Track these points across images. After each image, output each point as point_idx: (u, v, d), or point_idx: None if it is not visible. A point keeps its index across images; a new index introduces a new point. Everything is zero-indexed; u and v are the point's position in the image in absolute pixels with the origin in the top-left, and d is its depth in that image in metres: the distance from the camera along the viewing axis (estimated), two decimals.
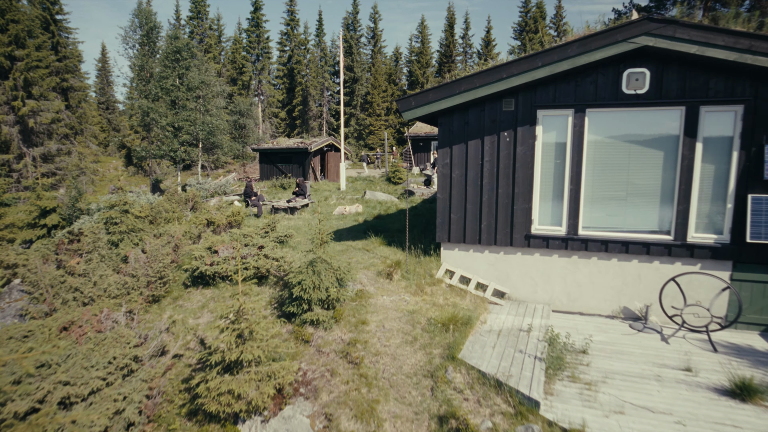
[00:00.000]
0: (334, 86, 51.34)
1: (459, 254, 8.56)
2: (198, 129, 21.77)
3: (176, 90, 20.74)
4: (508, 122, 7.78)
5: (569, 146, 7.54)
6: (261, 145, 28.53)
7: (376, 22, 53.70)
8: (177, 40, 20.39)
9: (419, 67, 48.09)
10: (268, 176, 28.34)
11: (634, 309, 7.75)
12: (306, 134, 48.47)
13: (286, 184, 24.95)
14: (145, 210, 13.30)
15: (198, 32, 43.61)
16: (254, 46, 44.49)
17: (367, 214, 15.26)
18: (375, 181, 28.87)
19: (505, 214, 8.03)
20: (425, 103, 7.78)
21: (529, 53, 7.07)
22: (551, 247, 7.88)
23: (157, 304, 8.58)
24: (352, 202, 18.87)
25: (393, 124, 50.23)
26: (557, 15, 44.11)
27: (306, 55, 49.36)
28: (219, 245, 9.67)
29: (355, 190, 24.08)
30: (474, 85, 7.43)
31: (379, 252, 9.45)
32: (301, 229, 12.25)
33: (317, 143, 27.47)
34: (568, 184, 7.64)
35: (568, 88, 7.39)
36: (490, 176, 8.02)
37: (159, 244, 9.70)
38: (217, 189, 21.04)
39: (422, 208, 16.62)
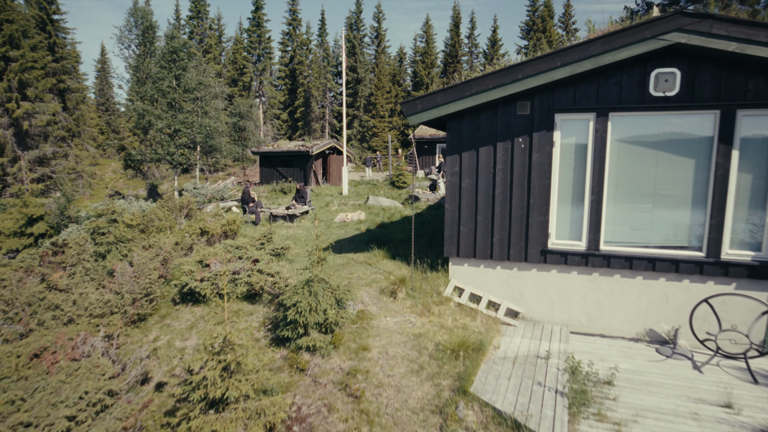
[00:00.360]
0: (337, 87, 50.92)
1: (469, 270, 8.01)
2: (195, 132, 21.31)
3: (173, 92, 20.30)
4: (523, 127, 7.23)
5: (590, 153, 6.99)
6: (261, 147, 28.09)
7: (380, 22, 53.28)
8: (174, 40, 19.96)
9: (424, 68, 47.62)
10: (268, 180, 27.89)
11: (661, 332, 7.18)
12: (308, 136, 48.06)
13: (287, 189, 24.48)
14: (136, 218, 12.83)
15: (198, 32, 43.29)
16: (255, 46, 44.13)
17: (369, 221, 14.73)
18: (378, 185, 28.38)
19: (520, 227, 7.48)
20: (432, 106, 7.25)
21: (546, 52, 6.53)
22: (570, 264, 7.32)
23: (143, 323, 8.07)
24: (354, 208, 18.35)
25: (397, 126, 49.74)
26: (566, 14, 43.54)
27: (308, 56, 49.00)
28: (211, 258, 9.16)
29: (357, 195, 23.58)
30: (486, 86, 6.89)
31: (382, 266, 8.90)
32: (300, 240, 11.73)
33: (319, 146, 27.00)
34: (589, 195, 7.08)
35: (589, 90, 6.83)
36: (503, 186, 7.47)
37: (147, 256, 9.20)
38: (215, 194, 20.57)
39: (428, 215, 16.06)
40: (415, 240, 10.97)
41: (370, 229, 13.13)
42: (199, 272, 8.77)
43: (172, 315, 8.29)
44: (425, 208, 18.32)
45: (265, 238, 9.96)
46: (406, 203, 19.66)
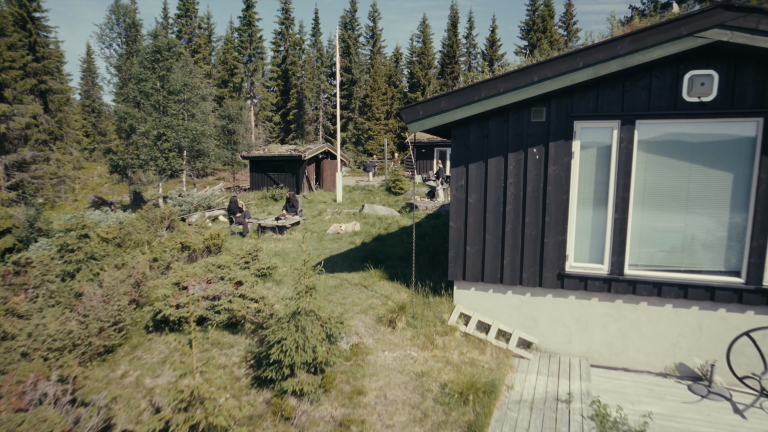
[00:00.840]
0: (331, 88, 50.26)
1: (476, 295, 7.31)
2: (180, 136, 20.54)
3: (156, 93, 19.52)
4: (537, 136, 6.55)
5: (614, 165, 6.32)
6: (251, 152, 27.34)
7: (376, 21, 52.71)
8: (157, 39, 19.20)
9: (421, 69, 47.05)
10: (258, 186, 27.13)
11: (693, 366, 6.50)
12: (301, 139, 47.34)
13: (278, 195, 23.73)
14: (112, 231, 12.06)
15: (186, 31, 42.52)
16: (246, 46, 43.39)
17: (365, 233, 14.02)
18: (374, 191, 27.67)
19: (534, 247, 6.79)
20: (436, 112, 6.56)
21: (566, 51, 5.85)
22: (590, 289, 6.64)
23: (111, 355, 7.32)
24: (349, 218, 17.63)
25: (393, 129, 49.11)
26: (567, 13, 43.09)
27: (301, 56, 48.32)
28: (190, 279, 8.42)
29: (352, 202, 22.85)
30: (497, 90, 6.21)
31: (379, 289, 8.19)
32: (289, 255, 10.99)
33: (312, 150, 26.28)
34: (612, 213, 6.41)
35: (613, 95, 6.16)
36: (515, 202, 6.78)
37: (119, 278, 8.44)
38: (201, 202, 19.81)
39: (427, 226, 15.37)
40: (415, 257, 10.27)
41: (365, 243, 12.42)
42: (175, 296, 8.03)
43: (144, 345, 7.54)
44: (424, 217, 17.63)
45: (250, 256, 9.22)
46: (403, 212, 18.97)
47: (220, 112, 29.61)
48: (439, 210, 18.30)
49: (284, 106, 48.40)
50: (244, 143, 29.79)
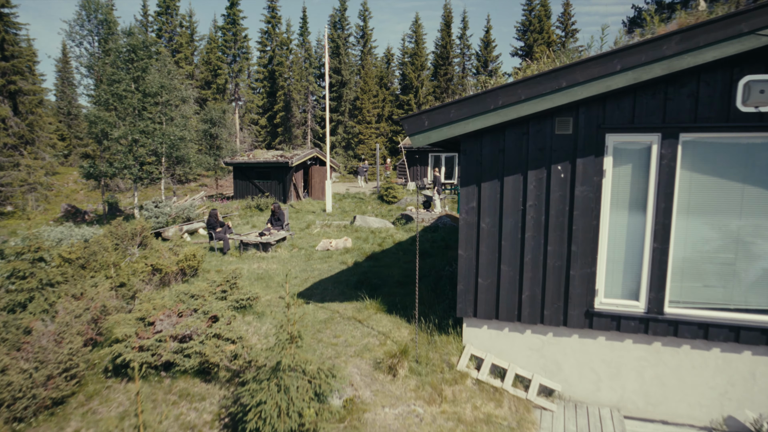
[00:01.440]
0: (320, 90, 49.39)
1: (489, 334, 6.47)
2: (157, 142, 19.52)
3: (130, 96, 18.49)
4: (562, 151, 5.74)
5: (653, 186, 5.53)
6: (235, 158, 26.37)
7: (366, 20, 52.00)
8: (131, 37, 18.19)
9: (413, 70, 46.38)
10: (242, 194, 26.16)
11: (745, 421, 5.71)
12: (288, 144, 46.37)
13: (263, 205, 22.78)
14: (76, 250, 11.07)
15: (167, 29, 41.41)
16: (230, 45, 42.38)
17: (357, 251, 13.15)
18: (365, 199, 26.83)
19: (557, 281, 5.98)
20: (444, 123, 5.72)
21: (603, 52, 5.05)
22: (623, 330, 5.83)
23: (61, 408, 6.37)
24: (340, 231, 16.75)
25: (384, 133, 48.34)
26: (565, 13, 42.67)
27: (289, 56, 47.42)
28: (158, 313, 7.49)
29: (342, 212, 21.98)
30: (517, 98, 5.39)
31: (375, 324, 7.31)
32: (273, 279, 10.08)
33: (299, 156, 25.38)
34: (651, 241, 5.61)
35: (653, 103, 5.38)
36: (536, 227, 5.96)
37: (75, 311, 7.49)
38: (180, 213, 18.80)
39: (425, 241, 14.54)
40: (414, 282, 9.40)
41: (358, 263, 11.54)
42: (140, 334, 7.09)
43: (101, 394, 6.59)
44: (420, 230, 16.79)
45: (228, 284, 8.30)
46: (398, 224, 18.13)
47: (202, 115, 28.56)
48: (437, 222, 17.50)
49: (271, 109, 47.42)
50: (227, 148, 28.79)
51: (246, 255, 12.98)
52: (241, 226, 18.87)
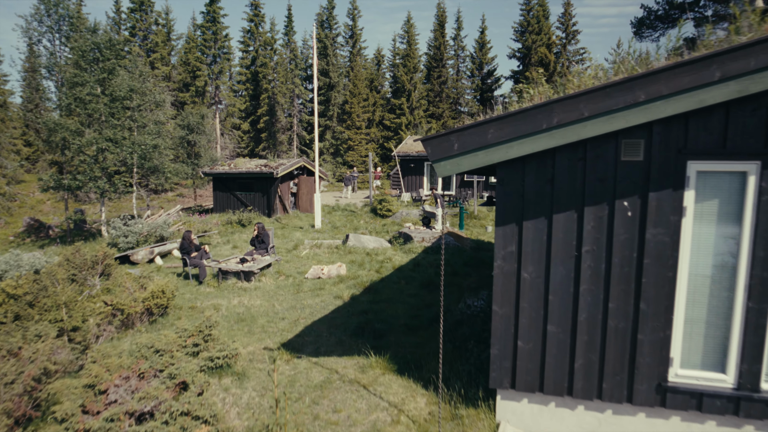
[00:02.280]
0: (306, 93, 48.20)
1: (530, 410, 5.33)
2: (127, 151, 18.17)
3: (95, 100, 17.13)
4: (630, 182, 4.65)
5: (748, 229, 4.46)
6: (215, 168, 25.06)
7: (355, 20, 51.05)
8: (96, 34, 16.85)
9: (405, 72, 45.44)
10: (223, 207, 24.84)
11: None
12: (272, 150, 45.05)
13: (246, 220, 21.49)
14: (23, 285, 9.76)
15: (141, 27, 39.96)
16: (210, 45, 41.05)
17: (353, 279, 11.96)
18: (357, 212, 25.66)
19: (620, 346, 4.87)
20: (479, 146, 4.60)
21: (694, 55, 3.96)
22: (706, 410, 4.73)
23: None
24: (331, 252, 15.55)
25: (375, 138, 47.27)
26: (566, 13, 42.00)
27: (273, 57, 46.21)
28: (113, 376, 6.23)
29: (333, 229, 20.78)
30: (578, 114, 4.29)
31: (384, 390, 6.13)
32: (257, 322, 8.85)
33: (285, 166, 24.15)
34: (744, 299, 4.53)
35: (751, 122, 4.31)
36: (594, 279, 4.86)
37: (7, 377, 6.22)
38: (152, 231, 17.48)
39: (427, 265, 13.43)
40: (427, 326, 8.24)
41: (355, 297, 10.35)
42: (87, 406, 5.83)
43: None
44: (421, 252, 15.68)
45: (201, 335, 7.07)
46: (395, 243, 16.98)
47: (179, 120, 27.20)
48: (438, 241, 16.37)
49: (254, 113, 46.13)
50: (206, 156, 27.46)
51: (225, 285, 11.72)
52: (221, 245, 17.59)
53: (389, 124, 45.72)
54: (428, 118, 47.65)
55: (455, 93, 50.16)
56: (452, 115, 49.70)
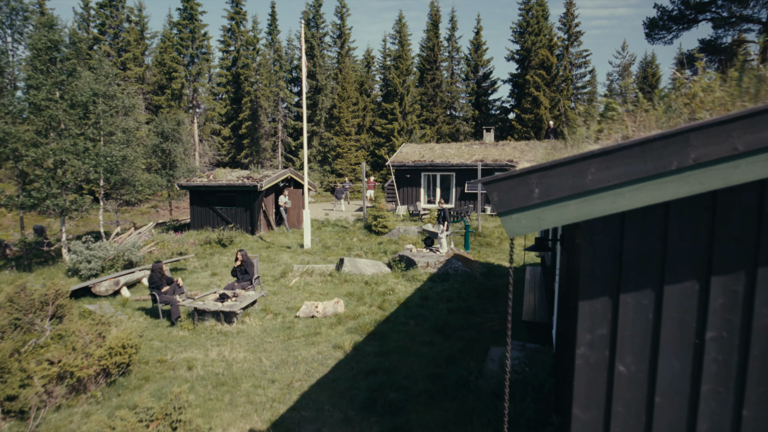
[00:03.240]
0: (292, 97, 46.82)
1: None
2: (90, 164, 16.63)
3: (53, 106, 15.57)
4: None
5: None
6: (192, 179, 23.56)
7: (344, 18, 49.91)
8: (53, 31, 15.31)
9: (398, 75, 44.31)
10: (201, 223, 23.33)
11: None
12: (255, 157, 43.54)
13: (227, 240, 20.02)
14: None
15: (112, 24, 38.29)
16: (188, 44, 39.50)
17: (353, 320, 10.61)
18: (349, 228, 24.33)
19: None
20: (572, 193, 3.31)
21: None
22: None
23: None
24: (325, 282, 14.19)
25: (366, 145, 46.01)
26: (568, 14, 41.21)
27: (256, 58, 44.80)
28: None
29: (324, 249, 19.40)
30: (731, 149, 3.02)
31: None
32: (241, 386, 7.44)
33: (271, 178, 22.75)
34: None
35: None
36: (722, 376, 3.59)
37: None
38: (120, 253, 15.98)
39: (436, 299, 12.16)
40: (451, 392, 6.90)
41: (358, 346, 8.98)
42: None
43: None
44: (427, 280, 14.38)
45: (169, 419, 5.66)
46: (395, 267, 15.66)
47: (152, 126, 25.61)
48: (446, 268, 15.09)
49: (235, 118, 44.62)
50: (183, 167, 25.93)
51: (202, 327, 10.30)
52: (198, 271, 16.12)
53: (380, 129, 44.49)
54: (422, 124, 46.56)
55: (449, 97, 49.18)
56: (447, 121, 48.69)
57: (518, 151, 27.41)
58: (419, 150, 29.95)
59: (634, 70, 48.88)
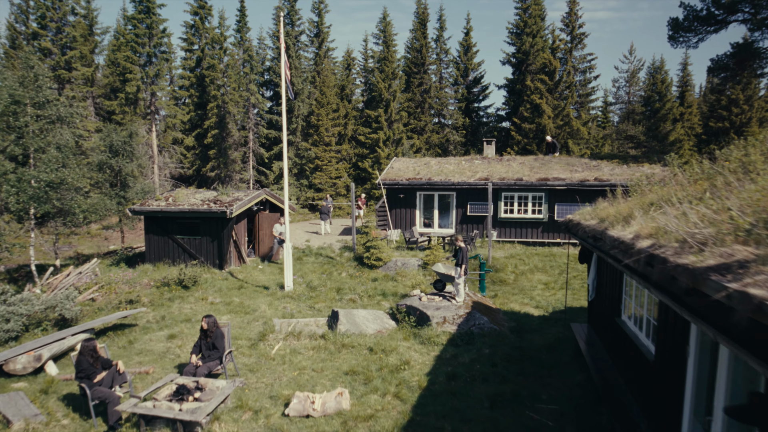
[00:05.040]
0: (264, 102, 44.07)
1: None
2: (10, 192, 13.74)
3: None
4: None
5: None
6: (147, 202, 20.71)
7: (321, 15, 47.47)
8: None
9: (383, 78, 41.95)
10: (159, 255, 20.49)
11: None
12: (223, 170, 40.61)
13: (190, 280, 17.21)
14: None
15: (54, 18, 34.98)
16: (144, 42, 36.42)
17: (364, 424, 8.07)
18: (337, 260, 21.76)
19: None
20: None
21: None
22: None
23: None
24: (317, 349, 11.62)
25: (347, 157, 43.50)
26: (570, 13, 39.49)
27: (223, 58, 41.98)
28: None
29: (310, 292, 16.78)
30: None
31: None
32: None
33: (243, 202, 20.08)
34: None
35: None
36: None
37: None
38: (51, 306, 13.16)
39: (470, 379, 9.74)
40: None
41: None
42: None
43: None
44: (447, 343, 11.96)
45: None
46: (404, 322, 13.19)
47: (98, 140, 22.56)
48: (467, 323, 12.67)
49: (200, 125, 41.63)
50: (135, 189, 23.00)
51: None
52: (152, 329, 13.34)
53: (364, 139, 42.00)
54: (409, 133, 44.29)
55: (438, 103, 47.10)
56: (435, 130, 46.57)
57: (527, 168, 25.29)
58: (413, 165, 27.59)
59: (642, 77, 47.56)
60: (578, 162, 25.97)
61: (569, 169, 24.86)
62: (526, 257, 21.37)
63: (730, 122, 43.92)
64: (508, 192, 24.35)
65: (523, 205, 24.34)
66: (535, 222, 24.17)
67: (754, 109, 43.74)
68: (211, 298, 16.14)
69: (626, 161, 25.36)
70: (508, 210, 24.51)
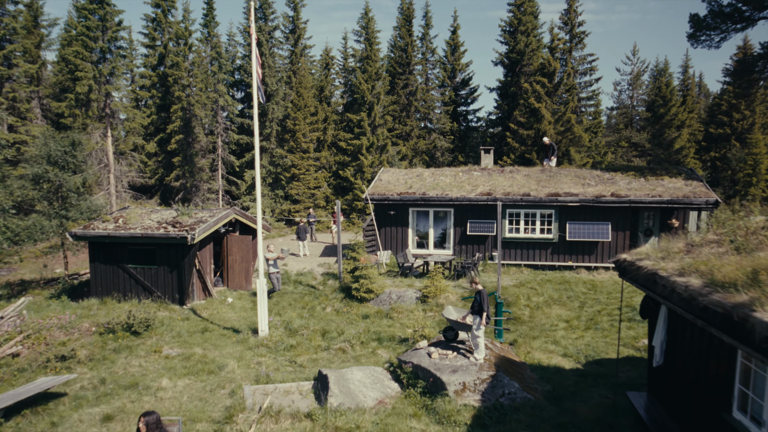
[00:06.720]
0: (234, 105, 41.22)
1: None
2: None
3: None
4: None
5: None
6: (92, 225, 17.85)
7: (298, 10, 44.83)
8: None
9: (366, 79, 39.50)
10: (107, 289, 17.66)
11: None
12: (189, 179, 37.63)
13: (141, 324, 14.41)
14: None
15: None
16: (97, 36, 33.28)
17: None
18: (320, 291, 19.23)
19: None
20: None
21: None
22: None
23: None
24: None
25: (327, 165, 40.90)
26: (570, 10, 37.59)
27: (188, 56, 39.00)
28: None
29: (289, 338, 14.20)
30: None
31: None
32: None
33: (207, 225, 17.38)
34: None
35: None
36: None
37: None
38: None
39: None
40: None
41: None
42: None
43: None
44: (470, 422, 9.52)
45: None
46: (411, 389, 10.76)
47: (36, 149, 19.63)
48: (493, 390, 10.27)
49: (163, 130, 38.57)
50: (82, 205, 20.10)
51: None
52: (83, 405, 10.57)
53: (345, 146, 39.41)
54: (395, 138, 41.88)
55: (425, 107, 44.85)
56: (422, 135, 44.30)
57: (533, 181, 23.07)
58: (404, 178, 25.13)
59: (645, 80, 45.95)
60: (589, 174, 23.86)
61: (580, 182, 22.73)
62: (538, 285, 19.13)
63: (731, 128, 42.57)
64: (513, 209, 22.08)
65: (530, 224, 22.11)
66: (544, 243, 21.95)
67: (757, 114, 42.44)
68: (167, 348, 13.44)
69: (643, 173, 23.34)
70: (513, 229, 22.25)
